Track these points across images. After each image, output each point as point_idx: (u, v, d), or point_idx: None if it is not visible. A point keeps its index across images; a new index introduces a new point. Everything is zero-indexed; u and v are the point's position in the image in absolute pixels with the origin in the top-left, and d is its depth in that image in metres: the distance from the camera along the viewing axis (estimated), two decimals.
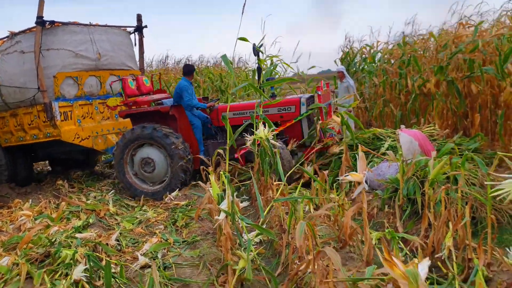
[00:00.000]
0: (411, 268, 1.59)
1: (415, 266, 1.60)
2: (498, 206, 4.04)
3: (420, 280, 1.58)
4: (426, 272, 1.69)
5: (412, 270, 1.57)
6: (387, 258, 1.61)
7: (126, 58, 8.44)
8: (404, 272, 1.58)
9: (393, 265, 1.60)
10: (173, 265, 4.00)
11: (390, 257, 1.60)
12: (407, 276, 1.58)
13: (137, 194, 6.71)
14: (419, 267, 1.66)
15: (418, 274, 1.58)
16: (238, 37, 3.86)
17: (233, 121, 6.60)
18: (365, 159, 6.21)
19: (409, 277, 1.57)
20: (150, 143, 6.70)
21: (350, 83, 9.61)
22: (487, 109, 7.27)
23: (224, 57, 3.75)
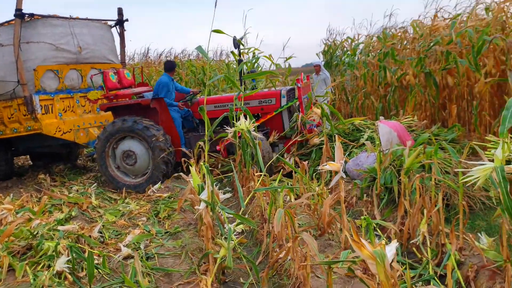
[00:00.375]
0: (378, 249, 1.67)
1: (383, 247, 1.69)
2: (471, 193, 4.17)
3: (386, 260, 1.67)
4: (394, 254, 1.77)
5: (379, 251, 1.66)
6: (356, 239, 1.69)
7: (107, 52, 8.40)
8: (372, 253, 1.67)
9: (361, 246, 1.68)
10: (155, 255, 4.06)
11: (358, 239, 1.69)
12: (375, 256, 1.66)
13: (119, 187, 6.72)
14: (387, 248, 1.75)
15: (385, 254, 1.67)
16: (212, 29, 3.89)
17: (215, 114, 6.64)
18: (344, 149, 6.34)
19: (376, 257, 1.66)
20: (132, 136, 6.72)
21: (327, 76, 9.82)
22: (463, 100, 7.44)
23: (200, 48, 3.79)
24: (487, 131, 6.45)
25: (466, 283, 3.09)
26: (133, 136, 6.71)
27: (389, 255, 1.72)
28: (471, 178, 2.75)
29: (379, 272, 1.66)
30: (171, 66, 7.49)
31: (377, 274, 1.67)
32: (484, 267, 3.09)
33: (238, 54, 7.81)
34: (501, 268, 3.00)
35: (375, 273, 1.68)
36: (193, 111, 7.36)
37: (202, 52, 3.77)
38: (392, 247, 1.78)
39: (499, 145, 2.69)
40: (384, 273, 1.65)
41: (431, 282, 3.18)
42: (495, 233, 3.73)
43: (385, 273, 1.64)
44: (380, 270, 1.66)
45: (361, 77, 10.73)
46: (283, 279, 3.39)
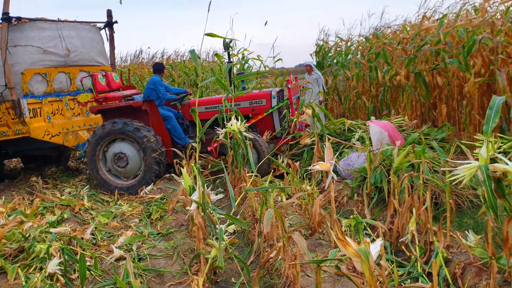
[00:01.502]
0: (363, 247, 1.71)
1: (367, 245, 1.72)
2: (459, 192, 4.23)
3: (371, 258, 1.71)
4: (378, 251, 1.81)
5: (364, 249, 1.70)
6: (340, 237, 1.73)
7: (97, 54, 8.40)
8: (357, 251, 1.71)
9: (346, 244, 1.72)
10: (147, 256, 4.08)
11: (343, 237, 1.73)
12: (359, 254, 1.70)
13: (111, 189, 6.73)
14: (371, 246, 1.79)
15: (369, 252, 1.71)
16: (205, 33, 3.91)
17: (206, 115, 6.71)
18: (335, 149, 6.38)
19: (361, 255, 1.70)
20: (122, 138, 6.73)
21: (319, 75, 9.88)
22: (453, 100, 7.52)
23: (192, 52, 3.82)
24: (477, 130, 6.52)
25: (453, 280, 3.14)
26: (123, 138, 6.72)
27: (374, 253, 1.76)
28: (457, 177, 2.80)
29: (364, 270, 1.70)
30: (159, 68, 7.56)
31: (362, 272, 1.70)
32: (471, 264, 3.14)
33: (228, 57, 7.89)
34: (487, 265, 3.05)
35: (360, 271, 1.72)
36: (183, 113, 7.40)
37: (194, 56, 3.79)
38: (377, 244, 1.81)
39: (484, 144, 2.75)
40: (369, 271, 1.69)
41: (419, 279, 3.23)
42: (482, 230, 3.78)
43: (370, 270, 1.68)
44: (365, 267, 1.70)
45: (353, 77, 10.80)
46: (274, 278, 3.43)
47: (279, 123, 6.93)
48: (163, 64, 7.81)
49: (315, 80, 9.75)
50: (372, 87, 9.79)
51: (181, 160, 5.80)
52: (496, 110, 2.78)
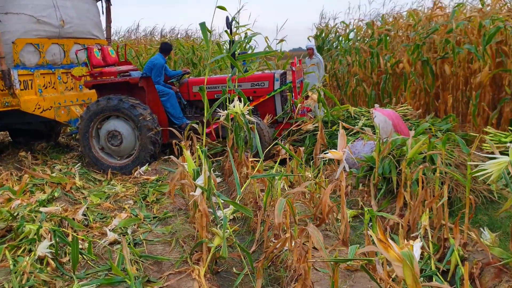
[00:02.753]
0: (406, 250, 1.51)
1: (411, 248, 1.52)
2: (473, 187, 4.07)
3: (415, 262, 1.51)
4: (419, 254, 1.62)
5: (408, 253, 1.50)
6: (382, 239, 1.52)
7: (92, 27, 8.04)
8: (400, 255, 1.51)
9: (387, 247, 1.52)
10: (143, 241, 3.86)
11: (385, 239, 1.52)
12: (403, 258, 1.50)
13: (104, 168, 6.47)
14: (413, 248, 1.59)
15: (414, 256, 1.51)
16: (216, 6, 3.66)
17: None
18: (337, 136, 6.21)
19: (404, 259, 1.50)
20: (117, 115, 6.46)
21: (320, 60, 9.62)
22: (458, 90, 7.34)
23: (203, 25, 3.55)
24: (485, 122, 6.36)
25: (470, 280, 2.97)
26: (118, 116, 6.45)
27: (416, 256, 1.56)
28: (484, 172, 2.61)
29: (406, 276, 1.50)
30: (167, 48, 7.28)
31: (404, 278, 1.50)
32: (489, 264, 2.98)
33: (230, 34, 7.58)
34: (508, 266, 2.90)
35: (401, 277, 1.52)
36: (181, 92, 7.12)
37: (204, 30, 3.52)
38: (417, 247, 1.62)
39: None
40: (412, 276, 1.49)
41: (433, 278, 3.06)
42: (497, 228, 3.64)
43: (413, 276, 1.48)
44: (407, 273, 1.50)
45: (353, 64, 10.56)
46: (280, 271, 3.24)
47: (281, 107, 6.70)
48: (170, 45, 7.49)
49: (316, 64, 9.50)
50: (374, 74, 9.57)
51: (179, 141, 5.56)
52: None
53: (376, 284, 2.27)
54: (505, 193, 4.03)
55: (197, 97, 6.90)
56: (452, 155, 4.36)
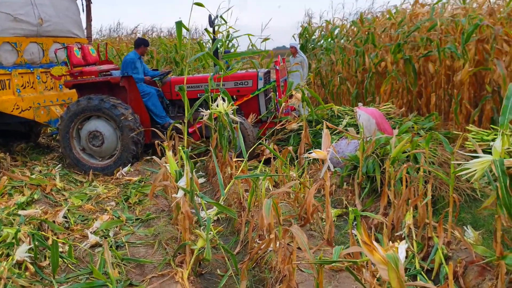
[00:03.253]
0: (392, 252, 1.48)
1: (395, 250, 1.50)
2: (456, 185, 4.08)
3: (400, 265, 1.49)
4: (404, 256, 1.60)
5: (393, 255, 1.47)
6: (367, 241, 1.50)
7: (72, 25, 7.88)
8: (384, 257, 1.48)
9: (372, 250, 1.49)
10: (126, 244, 3.79)
11: (370, 241, 1.50)
12: (388, 261, 1.48)
13: (85, 169, 6.36)
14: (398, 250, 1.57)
15: (399, 259, 1.49)
16: (194, 2, 3.59)
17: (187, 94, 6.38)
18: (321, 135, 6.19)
19: (389, 262, 1.47)
20: (98, 115, 6.34)
21: (304, 58, 9.62)
22: (440, 88, 7.39)
23: (179, 24, 3.48)
24: (466, 121, 6.41)
25: (454, 278, 2.98)
26: (99, 116, 6.33)
27: (401, 258, 1.54)
28: (467, 171, 2.62)
29: (391, 278, 1.48)
30: (139, 43, 7.11)
31: (389, 280, 1.48)
32: (473, 262, 2.99)
33: (213, 33, 7.53)
34: (491, 264, 2.91)
35: (386, 279, 1.50)
36: (163, 91, 7.04)
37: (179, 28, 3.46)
38: (402, 249, 1.59)
39: (498, 137, 2.55)
40: (398, 279, 1.47)
41: (418, 277, 3.06)
42: (480, 226, 3.66)
43: (399, 279, 1.46)
44: (392, 276, 1.48)
45: (337, 62, 10.58)
46: (264, 272, 3.21)
47: (265, 106, 6.66)
48: (145, 40, 7.36)
49: (300, 63, 9.49)
50: (358, 73, 9.59)
51: (162, 141, 5.48)
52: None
53: (360, 285, 2.25)
54: (488, 191, 4.06)
55: (180, 96, 6.81)
56: (436, 154, 4.38)
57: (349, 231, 3.30)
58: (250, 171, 4.95)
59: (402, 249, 1.59)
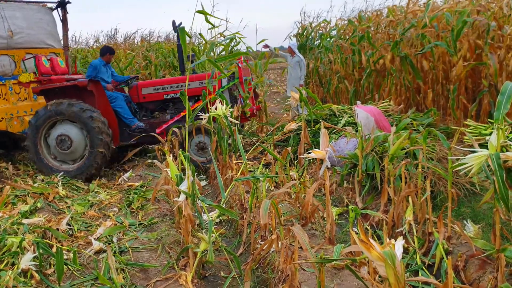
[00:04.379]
0: (388, 249, 1.52)
1: (392, 247, 1.53)
2: (455, 180, 4.11)
3: (397, 262, 1.52)
4: (402, 252, 1.63)
5: (390, 252, 1.50)
6: (364, 239, 1.53)
7: (46, 36, 7.94)
8: (381, 254, 1.51)
9: (369, 247, 1.52)
10: (129, 249, 3.82)
11: (366, 239, 1.53)
12: (384, 257, 1.51)
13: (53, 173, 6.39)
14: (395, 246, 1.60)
15: (395, 255, 1.52)
16: (196, 10, 3.62)
17: (154, 96, 6.89)
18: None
19: (386, 258, 1.50)
20: (67, 120, 6.42)
21: (301, 58, 9.65)
22: (438, 84, 7.42)
23: (182, 30, 3.51)
24: (465, 115, 6.44)
25: (455, 272, 3.01)
26: (68, 120, 6.41)
27: (398, 254, 1.57)
28: (465, 166, 2.65)
29: (388, 275, 1.51)
30: (105, 51, 7.23)
31: (387, 277, 1.51)
32: (473, 256, 3.02)
33: (177, 39, 7.76)
34: (491, 257, 2.93)
35: (384, 276, 1.52)
36: (131, 96, 7.15)
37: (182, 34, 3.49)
38: (399, 245, 1.62)
39: (494, 132, 2.58)
40: (394, 275, 1.50)
41: (419, 272, 3.09)
42: (480, 220, 3.69)
43: (396, 275, 1.49)
44: (389, 272, 1.51)
45: (335, 61, 10.61)
46: (267, 272, 3.24)
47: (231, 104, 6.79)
48: (109, 48, 7.41)
49: (297, 63, 9.52)
50: (355, 71, 9.62)
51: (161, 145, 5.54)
52: (508, 96, 2.61)
53: (362, 282, 2.28)
54: (487, 185, 4.09)
55: (147, 99, 7.04)
56: (434, 150, 4.41)
57: (350, 229, 3.33)
58: (250, 172, 4.98)
59: (399, 245, 1.63)
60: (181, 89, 6.06)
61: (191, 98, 6.83)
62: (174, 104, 7.05)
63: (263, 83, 9.86)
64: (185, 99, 3.52)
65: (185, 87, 3.62)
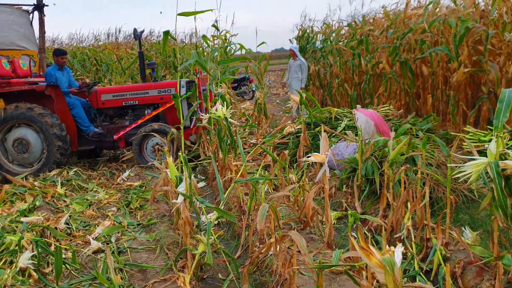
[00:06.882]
0: (388, 256, 1.52)
1: (392, 254, 1.54)
2: (454, 186, 4.13)
3: (396, 269, 1.53)
4: (401, 259, 1.64)
5: (389, 259, 1.51)
6: (364, 246, 1.54)
7: (18, 38, 7.93)
8: (381, 261, 1.52)
9: (369, 254, 1.53)
10: (128, 249, 3.82)
11: (366, 245, 1.54)
12: (384, 265, 1.52)
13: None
14: (395, 254, 1.61)
15: (395, 262, 1.52)
16: (178, 13, 3.61)
17: (114, 103, 7.07)
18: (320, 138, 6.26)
19: (385, 265, 1.51)
20: (24, 124, 6.50)
21: (303, 62, 9.67)
22: (438, 89, 7.43)
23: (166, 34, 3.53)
24: (464, 121, 6.45)
25: (453, 279, 3.02)
26: (26, 124, 6.48)
27: (397, 262, 1.58)
28: (464, 174, 2.66)
29: (387, 282, 1.52)
30: (53, 54, 7.27)
31: (386, 284, 1.52)
32: (471, 263, 3.03)
33: (139, 46, 7.98)
34: (489, 265, 2.95)
35: (382, 282, 1.53)
36: (90, 101, 7.23)
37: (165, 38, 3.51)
38: (399, 251, 1.63)
39: (493, 139, 2.60)
40: (394, 282, 1.51)
41: (417, 278, 3.10)
42: (478, 227, 3.70)
43: (395, 283, 1.50)
44: (389, 279, 1.52)
45: (335, 64, 10.62)
46: (265, 275, 3.24)
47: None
48: (57, 50, 7.42)
49: (298, 66, 9.54)
50: (355, 75, 9.64)
51: (162, 146, 5.55)
52: (507, 103, 2.62)
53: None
54: (485, 192, 4.09)
55: (106, 105, 7.19)
56: (433, 155, 4.42)
57: (348, 234, 3.34)
58: (249, 174, 4.99)
59: (398, 253, 1.63)
60: (140, 97, 6.82)
61: (149, 106, 7.07)
62: (133, 111, 7.22)
63: (263, 84, 9.88)
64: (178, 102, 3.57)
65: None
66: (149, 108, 7.12)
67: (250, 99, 15.86)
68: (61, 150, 6.43)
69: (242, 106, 12.44)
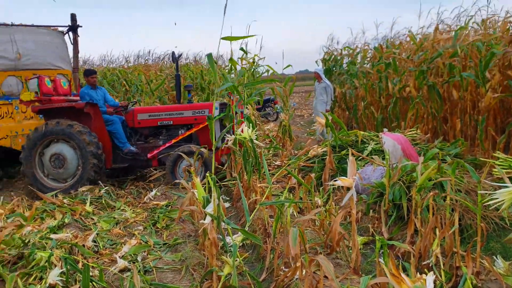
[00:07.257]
0: (419, 284, 1.51)
1: (423, 282, 1.52)
2: (484, 213, 4.04)
3: None
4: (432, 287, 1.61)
5: (420, 287, 1.50)
6: (395, 273, 1.53)
7: (54, 58, 8.39)
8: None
9: (400, 281, 1.52)
10: (153, 269, 3.86)
11: (397, 273, 1.52)
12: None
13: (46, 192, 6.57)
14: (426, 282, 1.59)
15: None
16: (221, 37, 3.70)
17: (149, 122, 7.23)
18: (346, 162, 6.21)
19: None
20: (62, 140, 6.70)
21: (328, 84, 9.70)
22: (466, 114, 7.34)
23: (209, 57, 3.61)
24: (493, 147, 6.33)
25: None
26: (64, 140, 6.69)
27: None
28: (495, 201, 2.61)
29: None
30: (85, 73, 7.50)
31: None
32: None
33: (176, 68, 8.13)
34: None
35: None
36: (126, 120, 7.39)
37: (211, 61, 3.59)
38: (430, 280, 1.61)
39: None
40: None
41: None
42: (510, 256, 3.60)
43: None
44: None
45: (361, 87, 10.61)
46: None
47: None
48: (86, 71, 7.64)
49: (323, 89, 9.57)
50: (382, 98, 9.60)
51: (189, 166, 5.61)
52: None
53: None
54: None
55: (141, 124, 7.35)
56: (462, 181, 4.34)
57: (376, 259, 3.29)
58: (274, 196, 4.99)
59: (430, 281, 1.61)
60: (175, 117, 6.97)
61: (184, 126, 7.19)
62: (167, 131, 7.35)
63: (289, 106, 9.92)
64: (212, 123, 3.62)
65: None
66: (182, 129, 7.26)
67: (274, 120, 15.95)
68: (95, 167, 6.61)
69: (266, 128, 12.50)
